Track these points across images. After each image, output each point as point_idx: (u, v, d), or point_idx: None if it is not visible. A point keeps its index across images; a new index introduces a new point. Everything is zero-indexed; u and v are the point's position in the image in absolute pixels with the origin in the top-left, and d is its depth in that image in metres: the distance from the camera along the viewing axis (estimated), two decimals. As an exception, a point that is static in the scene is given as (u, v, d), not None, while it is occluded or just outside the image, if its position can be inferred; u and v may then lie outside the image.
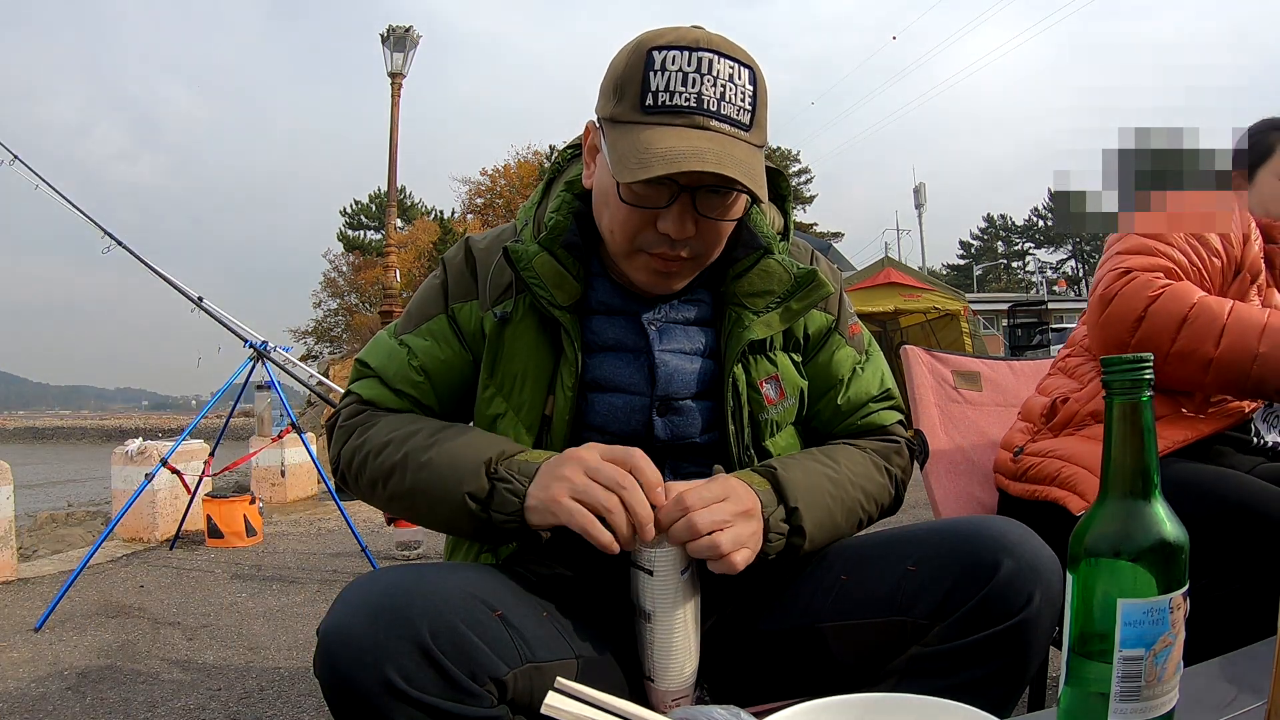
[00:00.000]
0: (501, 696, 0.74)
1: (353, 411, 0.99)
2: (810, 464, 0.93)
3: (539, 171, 4.41)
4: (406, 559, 3.91)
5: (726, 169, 0.81)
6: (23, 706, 2.17)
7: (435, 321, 1.00)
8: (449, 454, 0.87)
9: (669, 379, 0.95)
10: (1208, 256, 1.28)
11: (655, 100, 0.83)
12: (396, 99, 10.01)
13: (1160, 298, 1.20)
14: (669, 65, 0.83)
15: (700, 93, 0.83)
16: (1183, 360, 1.18)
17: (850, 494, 0.93)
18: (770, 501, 0.86)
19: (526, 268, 0.93)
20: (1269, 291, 1.35)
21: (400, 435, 0.91)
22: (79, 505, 7.83)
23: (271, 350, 3.97)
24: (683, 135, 0.82)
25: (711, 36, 0.85)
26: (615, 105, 0.86)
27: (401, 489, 0.89)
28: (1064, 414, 1.35)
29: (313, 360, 23.34)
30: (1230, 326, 1.16)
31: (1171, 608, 0.58)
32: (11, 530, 3.61)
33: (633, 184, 0.84)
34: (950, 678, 0.79)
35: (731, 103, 0.84)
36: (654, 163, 0.81)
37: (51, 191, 3.69)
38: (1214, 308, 1.18)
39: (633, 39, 0.88)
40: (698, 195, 0.86)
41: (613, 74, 0.88)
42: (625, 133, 0.85)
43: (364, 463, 0.93)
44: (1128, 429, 0.59)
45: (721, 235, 0.92)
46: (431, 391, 0.99)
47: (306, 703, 2.18)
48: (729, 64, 0.84)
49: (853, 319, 1.07)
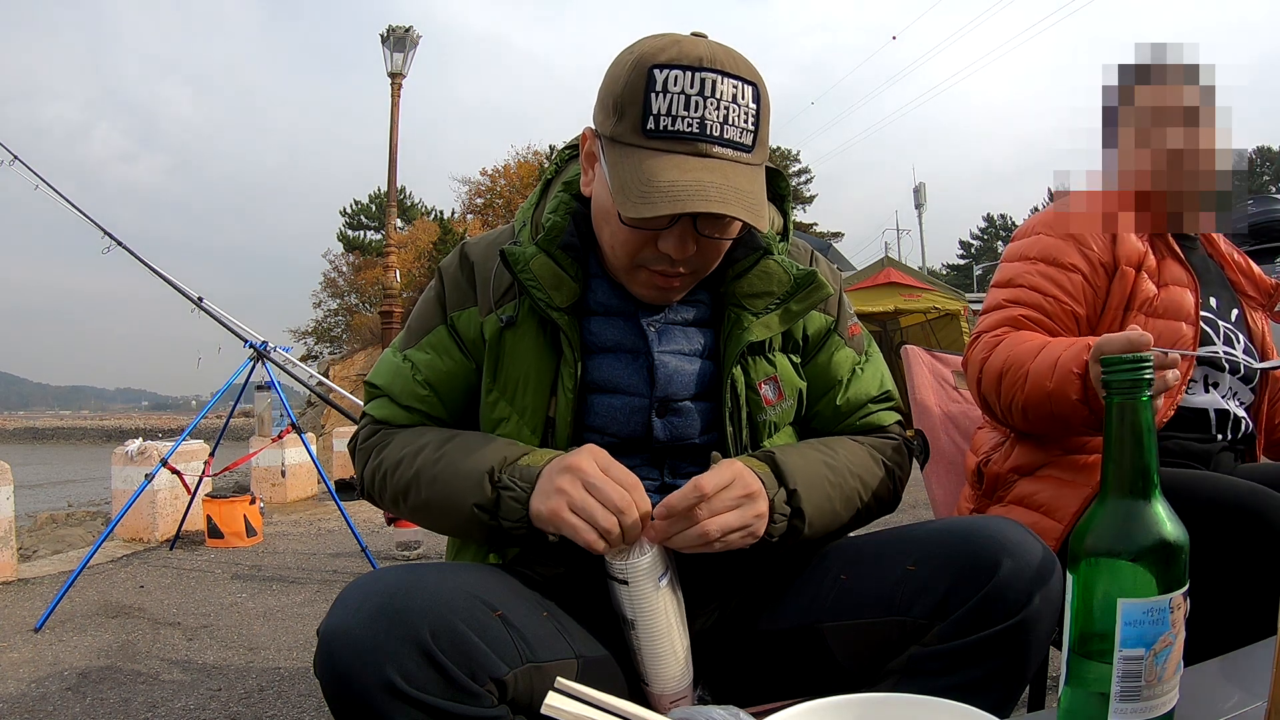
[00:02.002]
0: (502, 696, 0.74)
1: (369, 433, 1.02)
2: (808, 451, 0.94)
3: (538, 171, 4.42)
4: (406, 559, 3.91)
5: (729, 207, 0.81)
6: (23, 707, 2.17)
7: (435, 334, 1.00)
8: (454, 466, 0.88)
9: (668, 380, 0.95)
10: (1060, 275, 1.24)
11: (657, 125, 0.82)
12: (396, 99, 10.02)
13: (990, 359, 1.21)
14: (671, 86, 0.81)
15: (703, 117, 0.82)
16: (1009, 411, 1.18)
17: (849, 482, 0.94)
18: (771, 484, 0.86)
19: (524, 270, 0.92)
20: (1163, 273, 1.26)
21: (411, 451, 0.93)
22: (79, 505, 7.84)
23: (271, 350, 3.97)
24: (685, 166, 0.81)
25: (715, 52, 0.83)
26: (615, 125, 0.85)
27: (419, 503, 0.92)
28: (989, 480, 1.30)
29: (313, 360, 23.35)
30: (1033, 370, 1.11)
31: (1171, 608, 0.58)
32: (11, 530, 3.61)
33: None
34: (950, 677, 0.79)
35: (734, 125, 0.83)
36: (657, 200, 0.80)
37: (51, 192, 3.69)
38: (1022, 354, 1.14)
39: (633, 50, 0.86)
40: (699, 218, 0.85)
41: (611, 89, 0.86)
42: (626, 156, 0.84)
43: (384, 481, 0.96)
44: (1127, 429, 0.59)
45: (721, 251, 0.92)
46: (439, 403, 1.00)
47: (306, 703, 2.18)
48: (732, 83, 0.82)
49: (852, 320, 1.07)
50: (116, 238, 3.74)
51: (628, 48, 0.87)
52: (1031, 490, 1.22)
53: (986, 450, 1.33)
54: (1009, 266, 1.31)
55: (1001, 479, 1.28)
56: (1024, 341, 1.18)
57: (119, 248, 3.75)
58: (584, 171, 0.95)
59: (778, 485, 0.87)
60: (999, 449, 1.31)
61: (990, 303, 1.30)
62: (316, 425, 12.97)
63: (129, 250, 3.77)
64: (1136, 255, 1.25)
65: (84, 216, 3.75)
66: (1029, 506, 1.21)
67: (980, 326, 1.28)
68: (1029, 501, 1.22)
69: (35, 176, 3.65)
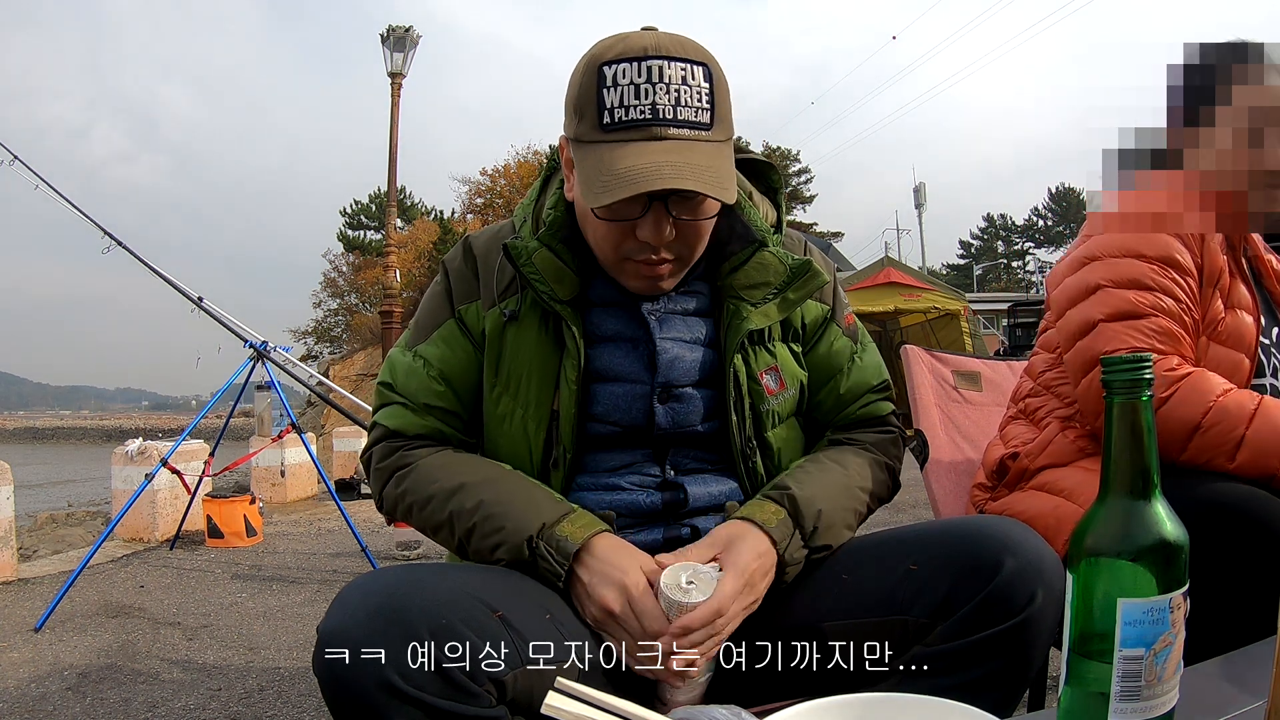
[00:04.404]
0: (501, 696, 0.73)
1: (384, 451, 1.00)
2: (825, 477, 0.96)
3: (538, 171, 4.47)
4: (406, 559, 3.91)
5: (685, 181, 0.82)
6: (23, 706, 2.17)
7: (445, 327, 1.01)
8: (492, 521, 0.88)
9: (670, 365, 0.96)
10: (1184, 281, 1.16)
11: (612, 118, 0.84)
12: (396, 99, 10.02)
13: (1173, 397, 1.08)
14: (620, 79, 0.84)
15: (654, 102, 0.84)
16: (1185, 458, 1.09)
17: (859, 497, 0.97)
18: (784, 534, 0.88)
19: (527, 263, 0.94)
20: (1232, 294, 1.21)
21: (441, 492, 0.92)
22: (79, 505, 7.84)
23: (271, 350, 3.97)
24: (641, 151, 0.83)
25: (660, 40, 0.85)
26: (578, 126, 0.88)
27: (452, 545, 0.94)
28: (1014, 471, 1.28)
29: (313, 360, 23.35)
30: (1249, 440, 1.04)
31: (1171, 607, 0.57)
32: (11, 530, 3.61)
33: None
34: (951, 677, 0.79)
35: (688, 105, 0.84)
36: (615, 185, 0.82)
37: (51, 191, 3.69)
38: (1233, 414, 1.05)
39: (585, 54, 0.88)
40: (670, 201, 0.87)
41: (571, 93, 0.89)
42: (589, 153, 0.86)
43: (409, 512, 0.96)
44: (1127, 429, 0.59)
45: (702, 234, 0.93)
46: (454, 398, 1.00)
47: (306, 703, 2.18)
48: (680, 66, 0.84)
49: (847, 309, 1.09)
50: (116, 237, 3.74)
51: (583, 54, 0.89)
52: (1056, 478, 1.22)
53: (1018, 444, 1.31)
54: (1129, 264, 1.18)
55: (1029, 472, 1.27)
56: (1216, 392, 1.08)
57: (119, 248, 3.75)
58: (565, 179, 0.97)
59: (793, 529, 0.89)
60: (1031, 444, 1.29)
61: (1116, 303, 1.16)
62: (316, 425, 12.97)
63: (129, 250, 3.77)
64: (1217, 269, 1.20)
65: (84, 216, 3.75)
66: (1051, 491, 1.21)
67: (1119, 334, 1.14)
68: (1051, 487, 1.21)
69: (35, 176, 3.66)
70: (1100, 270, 1.20)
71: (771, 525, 0.88)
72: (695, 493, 0.97)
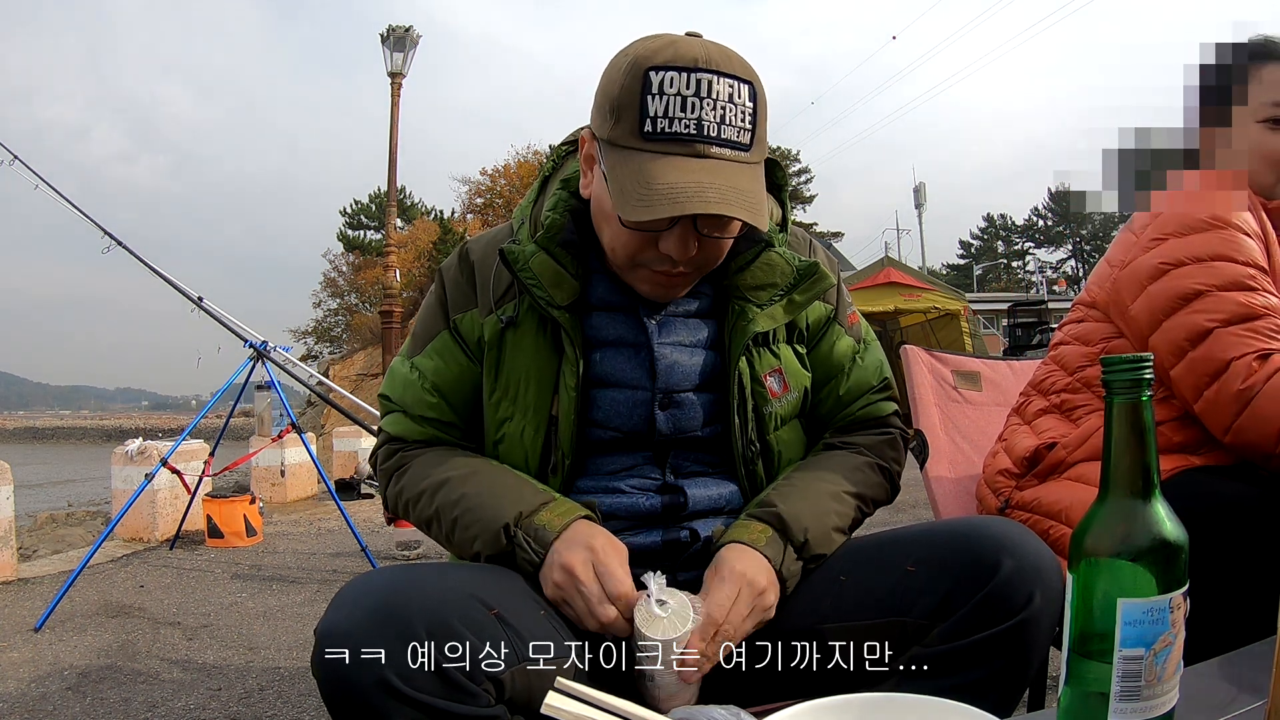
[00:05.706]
0: (499, 695, 0.73)
1: (387, 454, 1.04)
2: (812, 487, 0.95)
3: (538, 171, 4.43)
4: (406, 559, 3.91)
5: (729, 208, 0.81)
6: (23, 706, 2.17)
7: (440, 339, 1.01)
8: (472, 513, 0.90)
9: (668, 372, 0.96)
10: (1260, 247, 1.14)
11: (655, 127, 0.82)
12: (396, 99, 10.01)
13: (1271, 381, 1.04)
14: (667, 88, 0.81)
15: (700, 118, 0.81)
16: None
17: (850, 503, 0.96)
18: (776, 552, 0.88)
19: (524, 269, 0.93)
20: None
21: (430, 486, 0.95)
22: (79, 505, 7.84)
23: (271, 350, 3.97)
24: (684, 168, 0.81)
25: (710, 51, 0.83)
26: (613, 128, 0.85)
27: (441, 538, 0.96)
28: (1049, 461, 1.27)
29: (313, 360, 23.35)
30: None
31: (1171, 607, 0.57)
32: (11, 530, 3.61)
33: None
34: (951, 678, 0.79)
35: (732, 124, 0.83)
36: (657, 202, 0.80)
37: (51, 191, 3.69)
38: None
39: (628, 53, 0.86)
40: (699, 218, 0.86)
41: (608, 92, 0.86)
42: (625, 159, 0.84)
43: (407, 509, 0.99)
44: (1128, 429, 0.59)
45: (723, 250, 0.93)
46: (449, 409, 1.01)
47: (306, 703, 2.18)
48: (728, 83, 0.82)
49: (850, 308, 1.09)
50: (116, 237, 3.74)
51: (623, 50, 0.87)
52: (1092, 470, 1.21)
53: (1053, 436, 1.29)
54: (1203, 239, 1.13)
55: (1066, 464, 1.26)
56: None
57: (119, 247, 3.74)
58: (583, 174, 0.95)
59: (783, 546, 0.89)
60: (1065, 438, 1.27)
61: (1230, 308, 1.10)
62: (316, 425, 12.96)
63: (129, 250, 3.77)
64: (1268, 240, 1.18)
65: (84, 216, 3.75)
66: (1087, 483, 1.19)
67: (1243, 339, 1.08)
68: (1087, 479, 1.20)
69: (35, 176, 3.65)
70: (1200, 275, 1.13)
71: (761, 544, 0.88)
72: (695, 495, 0.97)
